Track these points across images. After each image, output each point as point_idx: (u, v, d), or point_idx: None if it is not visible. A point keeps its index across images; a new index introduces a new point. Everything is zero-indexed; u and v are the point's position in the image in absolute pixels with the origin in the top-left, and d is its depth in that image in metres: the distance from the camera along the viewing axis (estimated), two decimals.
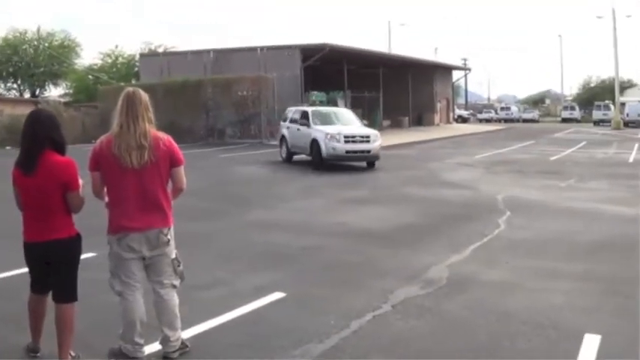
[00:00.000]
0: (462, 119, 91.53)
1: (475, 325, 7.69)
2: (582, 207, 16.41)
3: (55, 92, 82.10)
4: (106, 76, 69.33)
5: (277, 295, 8.80)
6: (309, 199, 18.30)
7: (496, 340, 7.18)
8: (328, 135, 26.55)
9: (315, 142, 27.11)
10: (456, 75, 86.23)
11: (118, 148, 6.15)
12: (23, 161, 6.22)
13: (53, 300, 6.39)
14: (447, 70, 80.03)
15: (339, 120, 29.26)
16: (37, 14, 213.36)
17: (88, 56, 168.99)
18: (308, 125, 28.25)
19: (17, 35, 76.87)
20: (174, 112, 42.97)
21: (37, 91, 79.56)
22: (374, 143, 26.84)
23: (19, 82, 79.54)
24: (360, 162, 27.46)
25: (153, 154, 6.21)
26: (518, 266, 10.47)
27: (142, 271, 6.41)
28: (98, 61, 76.32)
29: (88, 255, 8.14)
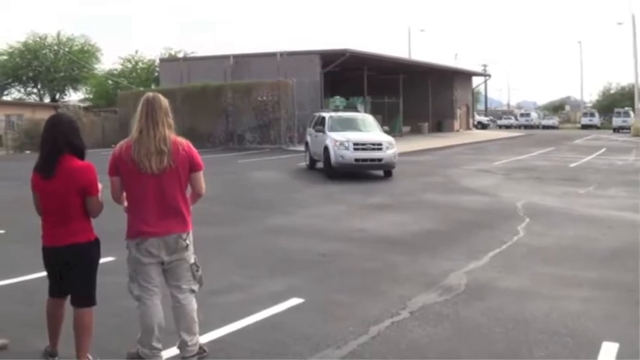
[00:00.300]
0: (482, 125, 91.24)
1: (493, 332, 7.66)
2: (601, 214, 16.31)
3: (74, 97, 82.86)
4: (126, 81, 69.72)
5: (295, 300, 8.81)
6: (328, 205, 18.27)
7: (513, 347, 7.14)
8: (337, 142, 25.20)
9: (326, 150, 25.78)
10: (475, 81, 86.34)
11: (137, 153, 6.15)
12: (42, 165, 6.24)
13: (71, 304, 6.41)
14: (466, 76, 79.97)
15: (357, 126, 27.75)
16: (57, 19, 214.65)
17: (108, 61, 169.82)
18: (323, 131, 27.04)
19: (37, 40, 77.45)
20: (194, 117, 43.17)
21: (56, 96, 79.99)
22: (386, 151, 25.15)
23: (39, 86, 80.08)
24: (372, 171, 26.11)
25: (172, 159, 6.20)
26: (537, 273, 10.42)
27: (160, 275, 6.40)
28: (118, 66, 76.87)
29: (107, 259, 8.20)
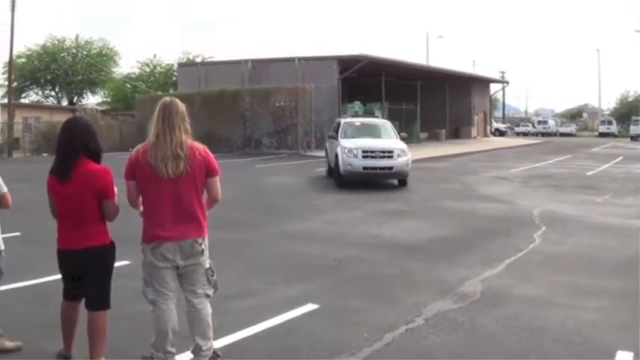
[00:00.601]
0: (499, 132, 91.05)
1: (507, 340, 7.65)
2: (618, 223, 16.25)
3: (92, 100, 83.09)
4: (144, 85, 69.90)
5: (310, 306, 8.81)
6: (345, 211, 18.25)
7: (528, 356, 7.14)
8: (345, 149, 23.98)
9: (336, 157, 24.65)
10: (493, 88, 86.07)
11: (154, 158, 6.15)
12: (58, 168, 6.28)
13: (86, 307, 6.43)
14: (484, 82, 79.78)
15: (372, 132, 26.36)
16: (77, 22, 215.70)
17: (126, 65, 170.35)
18: (336, 138, 25.96)
19: (56, 43, 77.70)
20: (211, 121, 43.25)
21: (74, 99, 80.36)
22: (397, 159, 23.77)
23: (57, 89, 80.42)
24: (384, 179, 24.78)
25: (189, 164, 6.20)
26: (552, 281, 10.40)
27: (175, 280, 6.39)
28: (136, 70, 77.11)
29: (122, 263, 8.21)
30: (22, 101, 72.33)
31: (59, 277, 6.65)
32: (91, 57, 76.34)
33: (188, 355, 6.59)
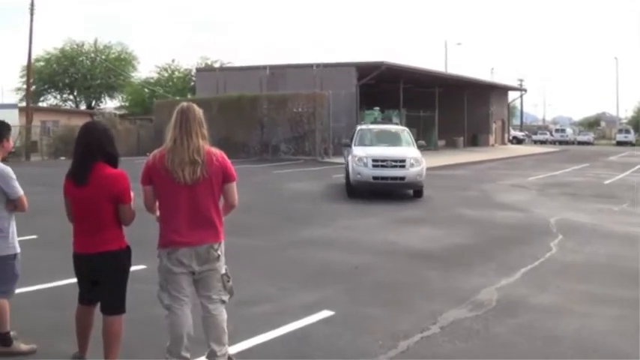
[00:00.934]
0: (517, 140, 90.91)
1: (522, 349, 7.62)
2: (635, 232, 16.14)
3: (110, 104, 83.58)
4: (162, 90, 70.13)
5: (326, 313, 8.80)
6: (361, 218, 18.24)
7: None
8: (355, 158, 22.91)
9: (347, 166, 24.04)
10: (511, 96, 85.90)
11: (171, 163, 6.14)
12: (75, 172, 6.28)
13: (101, 311, 6.43)
14: (502, 90, 79.69)
15: (387, 140, 25.09)
16: (95, 26, 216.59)
17: (145, 69, 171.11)
18: (350, 145, 24.93)
19: (74, 47, 78.14)
20: (229, 127, 43.36)
21: (92, 103, 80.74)
22: (410, 169, 22.47)
23: (76, 93, 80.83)
24: (396, 190, 23.59)
25: (206, 169, 6.18)
26: (568, 290, 10.35)
27: (191, 285, 6.37)
28: (154, 75, 77.45)
29: (138, 267, 8.22)
30: (40, 105, 72.75)
31: (75, 280, 6.64)
32: (109, 61, 76.75)
33: None
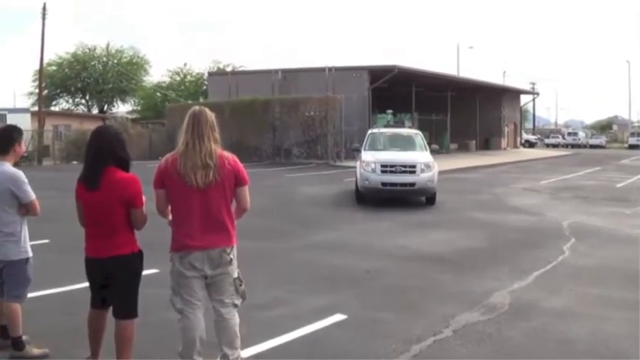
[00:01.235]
0: (529, 144, 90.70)
1: (535, 352, 7.61)
2: None
3: (122, 108, 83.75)
4: (174, 94, 70.21)
5: (338, 317, 8.79)
6: (373, 222, 18.24)
7: None
8: (364, 163, 22.10)
9: (356, 171, 23.28)
10: (524, 99, 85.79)
11: (183, 167, 6.14)
12: (87, 176, 6.28)
13: (113, 316, 6.43)
14: (515, 94, 79.55)
15: (399, 144, 24.05)
16: (108, 30, 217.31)
17: (157, 73, 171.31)
18: (359, 150, 24.16)
19: (86, 51, 78.28)
20: (241, 131, 43.35)
21: (105, 107, 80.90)
22: (421, 174, 21.53)
23: (88, 97, 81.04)
24: (406, 197, 22.42)
25: (218, 173, 6.18)
26: (581, 294, 10.33)
27: (203, 289, 6.36)
28: (166, 79, 77.60)
29: (151, 271, 8.24)
30: (53, 109, 72.80)
31: (87, 284, 6.64)
32: (121, 65, 76.90)
33: None
